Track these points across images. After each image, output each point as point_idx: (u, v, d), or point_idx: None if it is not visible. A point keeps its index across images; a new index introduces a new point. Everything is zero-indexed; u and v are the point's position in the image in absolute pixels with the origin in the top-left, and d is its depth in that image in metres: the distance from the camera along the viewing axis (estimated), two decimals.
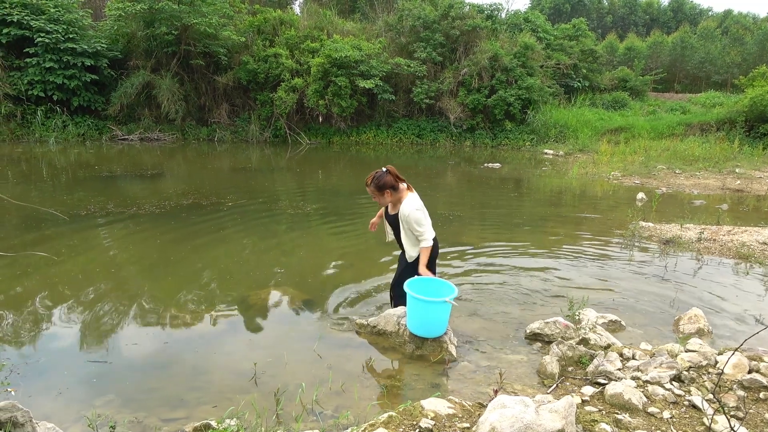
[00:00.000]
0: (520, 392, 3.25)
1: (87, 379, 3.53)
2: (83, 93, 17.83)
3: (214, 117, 19.62)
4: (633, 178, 12.71)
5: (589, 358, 3.59)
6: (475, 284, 5.46)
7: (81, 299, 4.82)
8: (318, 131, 19.96)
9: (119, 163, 13.71)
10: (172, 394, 3.36)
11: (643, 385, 3.15)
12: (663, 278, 5.81)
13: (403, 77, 20.01)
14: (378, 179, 3.96)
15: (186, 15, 17.41)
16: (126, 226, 7.46)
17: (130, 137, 18.05)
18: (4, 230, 6.97)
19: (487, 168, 14.42)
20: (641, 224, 7.95)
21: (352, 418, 2.97)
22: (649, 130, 19.99)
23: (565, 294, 5.14)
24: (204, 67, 19.12)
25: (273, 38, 20.27)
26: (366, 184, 4.04)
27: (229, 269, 5.75)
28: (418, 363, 3.78)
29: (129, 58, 18.80)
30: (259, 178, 12.39)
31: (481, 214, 9.18)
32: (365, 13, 25.79)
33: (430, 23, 20.36)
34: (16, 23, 16.54)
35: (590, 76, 24.34)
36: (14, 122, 17.01)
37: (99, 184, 10.60)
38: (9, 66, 16.98)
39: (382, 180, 3.95)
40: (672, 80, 31.00)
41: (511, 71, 19.71)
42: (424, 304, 3.77)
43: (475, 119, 20.14)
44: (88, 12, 18.81)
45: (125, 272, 5.59)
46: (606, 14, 48.84)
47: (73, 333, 4.18)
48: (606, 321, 4.43)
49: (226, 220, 7.93)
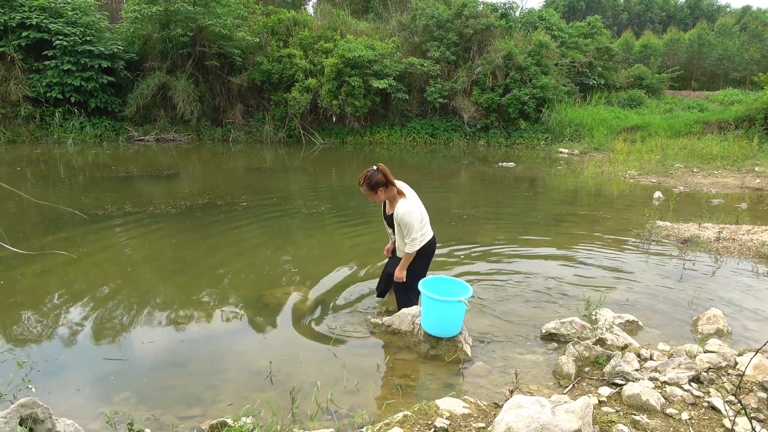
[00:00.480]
0: (535, 392, 3.22)
1: (104, 376, 3.57)
2: (100, 95, 18.04)
3: (229, 117, 19.74)
4: (649, 177, 12.57)
5: (606, 358, 3.55)
6: (489, 284, 5.44)
7: (98, 297, 4.88)
8: (332, 131, 20.00)
9: (136, 163, 13.85)
10: (188, 392, 3.39)
11: (661, 386, 3.11)
12: (681, 278, 5.74)
13: (416, 77, 19.98)
14: (370, 178, 4.05)
15: (201, 16, 17.54)
16: (142, 225, 7.53)
17: (146, 138, 18.24)
18: (24, 229, 7.07)
19: (501, 167, 14.35)
20: (658, 223, 7.86)
21: (367, 417, 2.97)
22: (665, 128, 19.74)
23: (581, 294, 5.10)
24: (218, 68, 19.25)
25: (287, 39, 20.35)
26: (359, 184, 4.12)
27: (244, 268, 5.78)
28: (433, 362, 3.77)
29: (145, 59, 18.99)
30: (273, 178, 12.44)
31: (496, 214, 9.13)
32: (378, 13, 25.79)
33: (443, 22, 20.31)
34: (35, 26, 16.78)
35: (606, 74, 24.09)
36: (33, 124, 17.26)
37: (116, 184, 10.72)
38: (28, 68, 17.23)
39: (374, 179, 4.04)
40: (689, 78, 30.60)
41: (526, 70, 19.59)
42: (439, 303, 3.76)
43: (489, 118, 20.04)
44: (105, 15, 19.03)
45: (141, 271, 5.65)
46: (621, 11, 48.37)
47: (90, 331, 4.23)
48: (623, 321, 4.38)
49: (241, 220, 7.98)
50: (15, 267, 5.56)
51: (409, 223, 4.00)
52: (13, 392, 3.21)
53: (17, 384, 3.22)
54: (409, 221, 4.00)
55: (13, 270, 5.50)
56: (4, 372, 3.48)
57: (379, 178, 4.03)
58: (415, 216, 4.04)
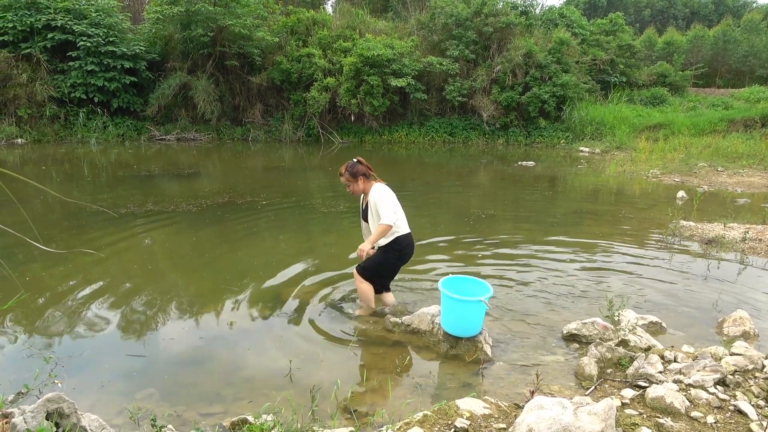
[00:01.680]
0: (557, 394, 3.19)
1: (127, 373, 3.62)
2: (123, 95, 18.31)
3: (248, 117, 19.89)
4: (673, 176, 12.37)
5: (628, 360, 3.50)
6: (510, 284, 5.40)
7: (120, 295, 4.95)
8: (350, 130, 20.03)
9: (157, 162, 14.03)
10: (209, 389, 3.42)
11: (686, 389, 3.06)
12: (705, 279, 5.63)
13: (435, 75, 19.91)
14: (352, 167, 4.31)
15: (221, 17, 17.69)
16: (163, 223, 7.63)
17: (167, 137, 18.47)
18: (50, 226, 7.21)
19: (520, 166, 14.23)
20: (682, 223, 7.72)
21: (387, 417, 2.96)
22: (689, 126, 19.39)
23: (602, 294, 5.03)
24: (238, 68, 19.40)
25: (306, 38, 20.42)
26: (340, 174, 4.36)
27: (263, 266, 5.82)
28: (453, 362, 3.76)
29: (166, 60, 19.23)
30: (292, 177, 12.51)
31: (515, 213, 9.07)
32: (397, 12, 25.75)
33: (462, 21, 20.20)
34: (60, 28, 17.09)
35: (628, 72, 23.73)
36: (58, 124, 17.58)
37: (138, 183, 10.87)
38: (53, 69, 17.55)
39: (355, 168, 4.30)
40: (713, 75, 29.99)
41: (546, 68, 19.40)
42: (459, 303, 3.75)
43: (508, 117, 19.88)
44: (127, 16, 19.31)
45: (162, 269, 5.72)
46: (644, 8, 47.62)
47: (113, 328, 4.29)
48: (646, 322, 4.32)
49: (261, 219, 8.03)
50: (41, 264, 5.67)
51: (383, 201, 4.17)
52: (39, 387, 3.27)
53: (43, 379, 3.28)
54: (384, 200, 4.18)
55: (40, 267, 5.60)
56: (31, 367, 3.55)
57: (359, 167, 4.30)
58: (389, 197, 4.24)
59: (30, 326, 4.28)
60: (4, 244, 5.92)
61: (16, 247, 5.99)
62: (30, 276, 5.34)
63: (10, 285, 4.97)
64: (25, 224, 6.78)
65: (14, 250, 5.96)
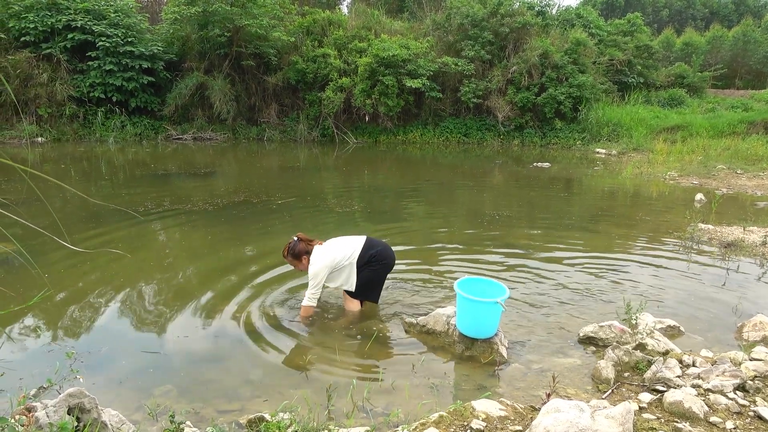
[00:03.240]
0: (573, 397, 3.17)
1: (145, 369, 3.67)
2: (140, 94, 18.52)
3: (264, 117, 20.00)
4: (691, 179, 12.22)
5: (646, 364, 3.47)
6: (525, 285, 5.37)
7: (138, 292, 5.01)
8: (365, 130, 20.06)
9: (174, 161, 14.17)
10: (226, 386, 3.45)
11: (705, 394, 3.03)
12: (724, 283, 5.56)
13: (450, 76, 19.86)
14: (292, 249, 4.37)
15: (238, 17, 17.81)
16: (180, 222, 7.71)
17: (184, 137, 18.65)
18: (69, 223, 7.32)
19: (535, 167, 14.16)
20: (700, 226, 7.63)
21: (403, 417, 2.97)
22: (708, 128, 19.13)
23: (618, 297, 4.99)
24: (254, 68, 19.52)
25: (321, 38, 20.49)
26: (283, 256, 4.46)
27: (278, 265, 5.85)
28: (468, 363, 3.75)
29: (183, 60, 19.40)
30: (307, 177, 12.56)
31: (530, 215, 9.02)
32: (413, 12, 25.72)
33: (478, 21, 20.13)
34: (80, 28, 17.32)
35: (645, 73, 23.48)
36: (77, 123, 17.82)
37: (155, 181, 10.99)
38: (72, 69, 17.80)
39: (297, 248, 4.36)
40: (733, 76, 29.59)
41: (562, 68, 19.27)
42: (475, 304, 3.74)
43: (523, 118, 19.77)
44: (146, 16, 19.52)
45: (178, 267, 5.78)
46: (662, 8, 47.13)
47: (130, 324, 4.35)
48: (664, 326, 4.28)
49: (276, 218, 8.08)
50: (62, 260, 5.76)
51: (312, 280, 4.26)
52: (60, 382, 3.33)
53: (64, 374, 3.33)
54: (314, 277, 4.25)
55: (60, 263, 5.69)
56: (51, 361, 3.61)
57: (300, 246, 4.36)
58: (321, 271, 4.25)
59: (51, 322, 4.35)
60: (26, 241, 6.02)
61: (37, 244, 6.09)
62: (50, 272, 5.42)
63: (33, 281, 5.06)
64: (47, 222, 6.90)
65: (35, 247, 6.06)
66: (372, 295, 4.64)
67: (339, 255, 4.39)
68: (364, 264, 4.42)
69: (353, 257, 4.42)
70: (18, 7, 17.11)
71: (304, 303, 4.31)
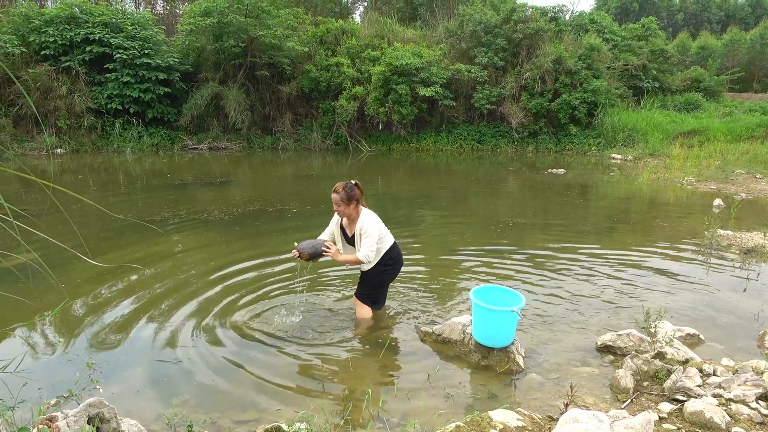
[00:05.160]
0: (591, 406, 3.14)
1: (162, 379, 3.69)
2: (157, 105, 18.78)
3: (278, 126, 20.15)
4: (709, 184, 12.07)
5: (665, 373, 3.43)
6: (541, 294, 5.34)
7: (155, 301, 5.05)
8: (378, 138, 20.12)
9: (190, 171, 14.32)
10: (241, 396, 3.47)
11: (726, 404, 2.98)
12: (745, 290, 5.48)
13: (463, 83, 19.86)
14: (350, 189, 4.23)
15: (252, 27, 18.00)
16: (196, 232, 7.77)
17: (199, 146, 18.86)
18: (87, 234, 7.42)
19: (550, 174, 14.07)
20: (719, 232, 7.52)
21: (419, 427, 2.96)
22: (725, 132, 18.89)
23: (637, 305, 4.94)
24: (268, 78, 19.69)
25: (335, 48, 20.63)
26: (335, 191, 4.24)
27: (293, 275, 5.87)
28: (484, 373, 3.73)
29: (199, 71, 19.66)
30: (321, 185, 12.61)
31: (545, 222, 8.96)
32: (426, 20, 25.79)
33: (491, 28, 20.13)
34: (98, 41, 17.64)
35: (661, 77, 23.28)
36: (95, 134, 18.11)
37: (171, 191, 11.11)
38: (91, 81, 18.11)
39: (353, 191, 4.24)
40: (751, 79, 29.20)
41: (576, 74, 19.17)
42: (491, 313, 3.72)
43: (537, 124, 19.70)
44: (162, 28, 19.82)
45: (193, 276, 5.82)
46: (677, 12, 46.78)
47: (147, 334, 4.38)
48: (683, 334, 4.22)
49: (290, 227, 8.12)
50: (80, 271, 5.84)
51: (370, 235, 4.22)
52: (79, 392, 3.36)
53: (84, 383, 3.37)
54: (371, 233, 4.23)
55: (78, 274, 5.77)
56: (70, 371, 3.66)
57: (356, 192, 4.26)
58: (376, 230, 4.27)
59: (69, 332, 4.40)
60: (45, 250, 6.11)
61: (56, 253, 6.17)
62: (69, 282, 5.50)
63: (52, 290, 5.14)
64: (66, 231, 7.01)
65: (54, 256, 6.15)
66: (380, 299, 4.66)
67: (383, 231, 4.42)
68: (384, 262, 4.44)
69: (386, 245, 4.44)
70: (38, 21, 17.48)
71: (361, 256, 4.22)
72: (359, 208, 4.34)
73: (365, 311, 4.59)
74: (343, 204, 4.23)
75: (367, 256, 4.23)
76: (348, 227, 4.48)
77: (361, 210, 4.35)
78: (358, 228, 4.29)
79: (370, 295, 4.58)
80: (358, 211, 4.33)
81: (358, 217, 4.33)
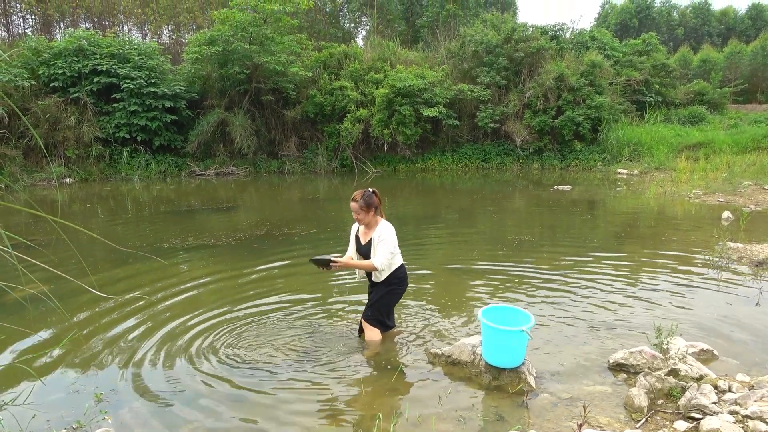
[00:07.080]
0: (606, 426, 3.09)
1: (170, 408, 3.66)
2: (164, 133, 19.03)
3: (284, 150, 20.34)
4: (716, 196, 12.00)
5: (680, 390, 3.37)
6: (551, 312, 5.29)
7: (162, 331, 5.03)
8: (383, 160, 20.23)
9: (197, 197, 14.42)
10: (251, 423, 3.43)
11: (743, 420, 2.92)
12: (757, 303, 5.40)
13: (467, 102, 20.01)
14: (369, 197, 4.32)
15: (256, 54, 18.28)
16: (203, 257, 7.79)
17: (206, 172, 19.05)
18: (94, 262, 7.46)
19: (556, 190, 14.06)
20: (729, 245, 7.46)
21: None
22: (731, 144, 18.87)
23: (648, 321, 4.88)
24: (273, 103, 19.94)
25: (338, 72, 20.90)
26: (353, 199, 4.33)
27: (300, 300, 5.86)
28: (496, 394, 3.68)
29: (205, 98, 19.94)
30: (327, 208, 12.65)
31: (552, 239, 8.93)
32: (428, 42, 26.09)
33: (493, 47, 20.33)
34: (105, 72, 17.96)
35: (663, 91, 23.35)
36: (103, 163, 18.35)
37: (179, 217, 11.17)
38: (98, 111, 18.40)
39: (372, 199, 4.33)
40: (754, 91, 29.20)
41: (579, 90, 19.28)
42: (500, 333, 3.69)
43: (542, 141, 19.76)
44: (168, 57, 20.16)
45: (198, 303, 5.80)
46: (677, 27, 47.05)
47: (156, 363, 4.36)
48: (696, 350, 4.15)
49: (297, 250, 8.12)
50: (87, 302, 5.84)
51: (387, 244, 4.29)
52: (88, 422, 3.34)
53: (93, 414, 3.35)
54: (387, 242, 4.30)
55: (85, 305, 5.78)
56: (78, 402, 3.64)
57: (375, 200, 4.35)
58: (392, 241, 4.35)
59: (78, 363, 4.39)
60: (53, 282, 6.13)
61: (64, 284, 6.19)
62: (76, 312, 5.50)
63: (60, 322, 5.14)
64: (74, 262, 7.04)
65: (62, 287, 6.16)
66: (388, 320, 4.66)
67: (397, 248, 4.46)
68: (390, 281, 4.46)
69: (396, 263, 4.48)
70: (47, 54, 17.84)
71: (375, 262, 4.27)
72: (377, 217, 4.43)
73: (374, 333, 4.57)
74: (362, 212, 4.33)
75: (382, 263, 4.28)
76: (363, 235, 4.52)
77: (380, 220, 4.44)
78: (375, 235, 4.36)
79: (378, 317, 4.57)
80: (377, 220, 4.43)
81: (376, 225, 4.41)
